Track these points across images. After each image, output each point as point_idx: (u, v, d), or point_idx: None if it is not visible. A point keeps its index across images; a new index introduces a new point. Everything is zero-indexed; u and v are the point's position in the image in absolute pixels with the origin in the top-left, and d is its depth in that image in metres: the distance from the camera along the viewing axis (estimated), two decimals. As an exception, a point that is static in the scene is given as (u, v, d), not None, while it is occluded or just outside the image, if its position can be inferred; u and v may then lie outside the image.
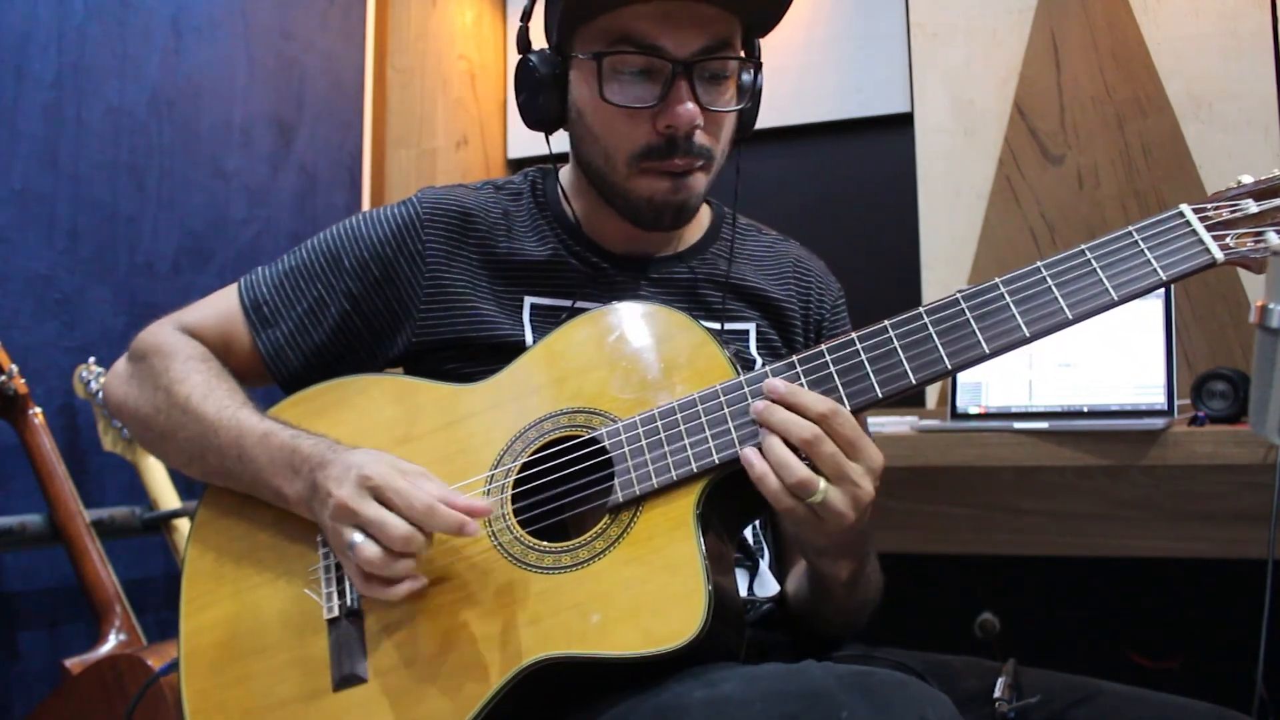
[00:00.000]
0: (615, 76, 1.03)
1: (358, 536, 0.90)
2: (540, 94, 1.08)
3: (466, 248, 1.12)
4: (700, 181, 1.07)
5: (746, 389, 0.93)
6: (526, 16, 1.12)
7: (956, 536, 1.98)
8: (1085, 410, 1.67)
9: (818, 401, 0.88)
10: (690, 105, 1.01)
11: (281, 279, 1.14)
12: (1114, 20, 2.17)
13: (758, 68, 1.09)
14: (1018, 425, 1.64)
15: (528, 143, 2.80)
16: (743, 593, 1.08)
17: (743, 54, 1.07)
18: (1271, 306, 0.67)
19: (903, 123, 2.38)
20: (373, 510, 0.90)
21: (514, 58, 1.12)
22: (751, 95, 1.09)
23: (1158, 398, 1.64)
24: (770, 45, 1.13)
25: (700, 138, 1.04)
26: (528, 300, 1.12)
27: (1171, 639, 2.01)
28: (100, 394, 1.82)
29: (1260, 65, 2.05)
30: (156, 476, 1.91)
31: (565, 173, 1.18)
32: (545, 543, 0.94)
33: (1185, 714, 0.95)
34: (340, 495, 0.91)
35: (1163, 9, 2.14)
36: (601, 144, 1.06)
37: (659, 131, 1.03)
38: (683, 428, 0.93)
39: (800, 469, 0.87)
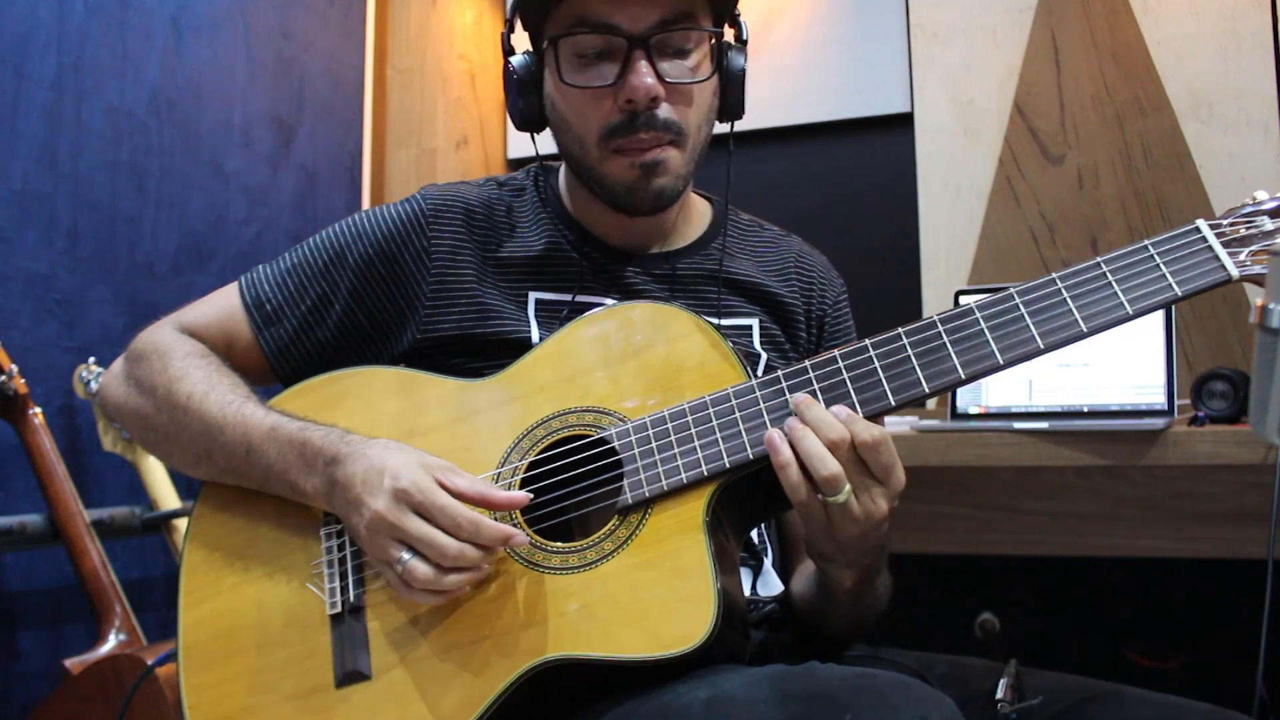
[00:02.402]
0: (574, 59, 1.04)
1: (406, 554, 0.89)
2: (521, 95, 1.10)
3: (471, 244, 1.12)
4: (674, 159, 1.05)
5: (758, 393, 0.93)
6: (509, 22, 1.12)
7: (956, 536, 1.98)
8: (1085, 410, 1.67)
9: (868, 428, 0.88)
10: (648, 78, 1.01)
11: (284, 277, 1.14)
12: (1114, 20, 2.17)
13: (721, 37, 1.07)
14: (1018, 425, 1.64)
15: (528, 143, 2.75)
16: (746, 592, 1.08)
17: (710, 25, 1.06)
18: (1271, 306, 0.67)
19: (903, 123, 2.38)
20: (418, 528, 0.89)
21: (513, 58, 1.13)
22: (717, 64, 1.07)
23: (1158, 398, 1.64)
24: (770, 45, 1.12)
25: (666, 111, 1.03)
26: (532, 296, 1.11)
27: (1171, 639, 2.01)
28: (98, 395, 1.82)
29: (1260, 65, 2.05)
30: (156, 476, 1.91)
31: (564, 168, 1.18)
32: (553, 543, 0.93)
33: (1186, 714, 0.95)
34: (377, 508, 0.90)
35: (1163, 9, 2.14)
36: (573, 130, 1.07)
37: (620, 108, 1.03)
38: (693, 430, 0.93)
39: (833, 463, 0.86)
